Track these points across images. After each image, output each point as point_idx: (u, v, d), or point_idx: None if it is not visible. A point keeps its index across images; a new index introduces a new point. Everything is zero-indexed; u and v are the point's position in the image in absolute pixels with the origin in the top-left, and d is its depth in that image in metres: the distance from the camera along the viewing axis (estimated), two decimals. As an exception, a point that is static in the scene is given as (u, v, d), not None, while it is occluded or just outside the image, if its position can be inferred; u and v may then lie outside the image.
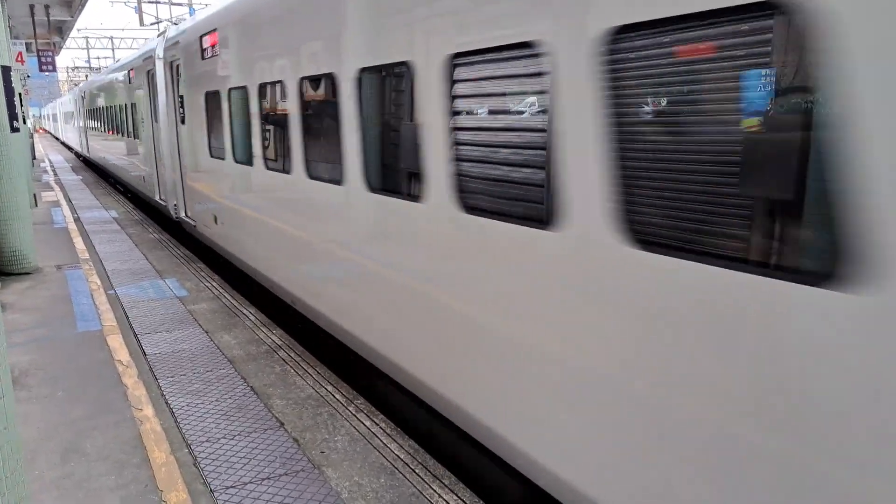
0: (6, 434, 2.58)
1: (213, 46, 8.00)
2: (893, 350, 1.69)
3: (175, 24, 18.15)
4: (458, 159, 3.57)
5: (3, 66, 8.38)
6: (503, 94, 3.33)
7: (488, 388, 3.62)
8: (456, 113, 3.58)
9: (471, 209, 3.53)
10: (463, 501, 3.77)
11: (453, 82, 3.55)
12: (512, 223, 3.24)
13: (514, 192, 3.25)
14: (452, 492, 3.87)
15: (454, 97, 3.56)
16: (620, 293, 2.56)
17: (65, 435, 4.61)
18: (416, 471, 4.10)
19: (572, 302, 2.85)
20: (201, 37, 8.42)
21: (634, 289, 2.49)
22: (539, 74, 2.97)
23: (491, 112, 3.47)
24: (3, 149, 8.45)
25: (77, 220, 14.02)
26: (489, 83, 3.38)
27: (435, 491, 3.87)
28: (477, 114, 3.55)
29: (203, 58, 8.48)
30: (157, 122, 11.85)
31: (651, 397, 2.49)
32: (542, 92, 2.99)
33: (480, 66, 3.42)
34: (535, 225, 3.07)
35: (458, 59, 3.51)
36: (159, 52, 11.12)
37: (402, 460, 4.22)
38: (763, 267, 2.04)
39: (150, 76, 12.01)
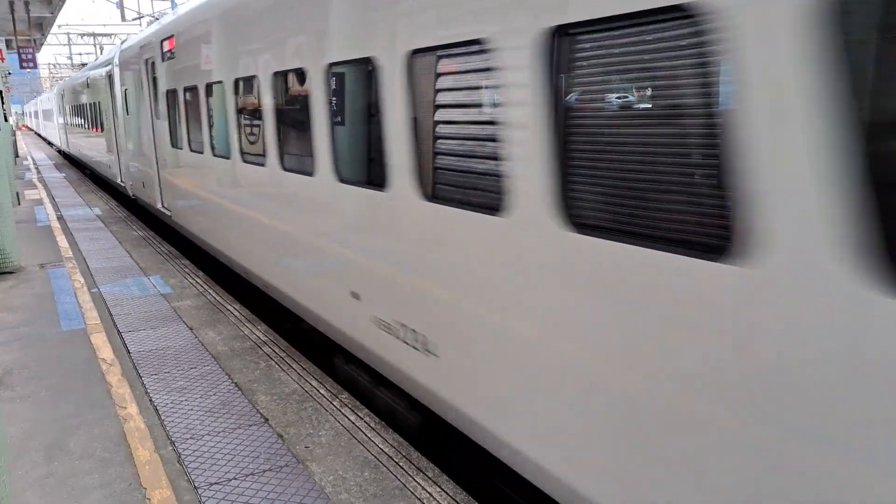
0: (-14, 434, 2.59)
1: None
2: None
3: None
4: None
5: (-19, 64, 8.30)
6: None
7: None
8: None
9: None
10: (446, 493, 3.81)
11: None
12: None
13: None
14: (436, 483, 3.91)
15: None
16: None
17: (49, 433, 4.60)
18: (400, 464, 4.13)
19: None
20: None
21: None
22: None
23: None
24: (-17, 147, 8.37)
25: (60, 218, 13.91)
26: None
27: (419, 483, 3.91)
28: None
29: None
30: None
31: None
32: None
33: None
34: None
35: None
36: None
37: (386, 454, 4.26)
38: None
39: None
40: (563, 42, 2.75)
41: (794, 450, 2.10)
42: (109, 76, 14.45)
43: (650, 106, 2.55)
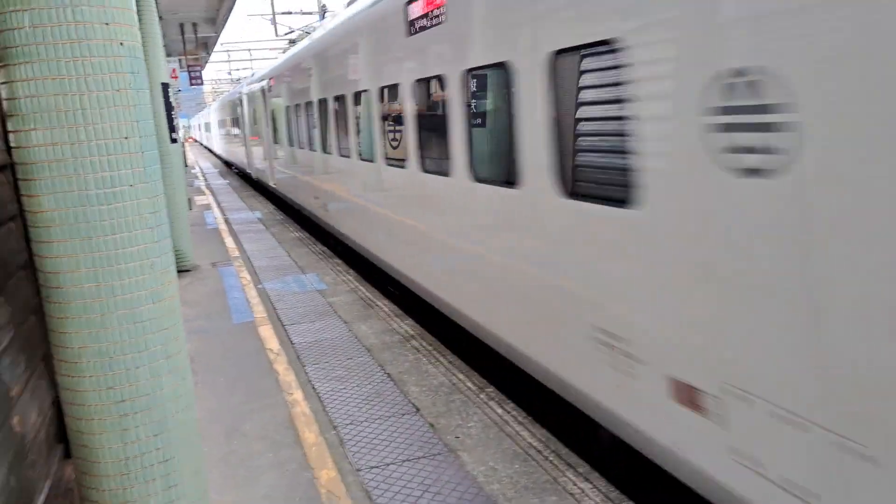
0: (187, 412, 2.93)
1: None
2: None
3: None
4: None
5: (162, 84, 9.29)
6: None
7: None
8: None
9: None
10: (598, 489, 3.81)
11: None
12: None
13: None
14: (587, 480, 3.91)
15: None
16: None
17: (227, 417, 5.10)
18: (550, 458, 4.17)
19: None
20: None
21: None
22: None
23: None
24: (166, 158, 9.38)
25: (227, 221, 15.24)
26: None
27: (569, 479, 3.93)
28: None
29: None
30: None
31: None
32: None
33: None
34: None
35: None
36: None
37: (534, 448, 4.31)
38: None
39: None
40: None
41: None
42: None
43: None
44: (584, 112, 3.92)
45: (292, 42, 23.55)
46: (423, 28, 5.89)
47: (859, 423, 2.38)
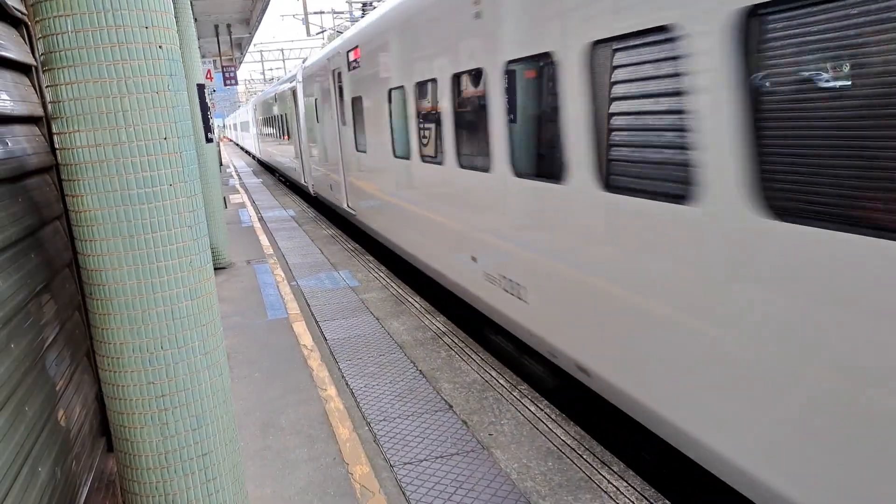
0: (224, 407, 2.99)
1: None
2: None
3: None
4: None
5: (198, 85, 9.45)
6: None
7: None
8: None
9: None
10: (634, 488, 3.77)
11: None
12: None
13: None
14: (622, 478, 3.88)
15: None
16: None
17: (263, 411, 5.18)
18: (584, 456, 4.15)
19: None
20: None
21: None
22: None
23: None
24: (202, 158, 9.54)
25: (261, 219, 15.44)
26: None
27: (604, 477, 3.90)
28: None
29: None
30: None
31: None
32: None
33: None
34: None
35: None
36: None
37: (568, 445, 4.29)
38: None
39: None
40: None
41: None
42: None
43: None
44: None
45: (367, 5, 16.77)
46: None
47: None
